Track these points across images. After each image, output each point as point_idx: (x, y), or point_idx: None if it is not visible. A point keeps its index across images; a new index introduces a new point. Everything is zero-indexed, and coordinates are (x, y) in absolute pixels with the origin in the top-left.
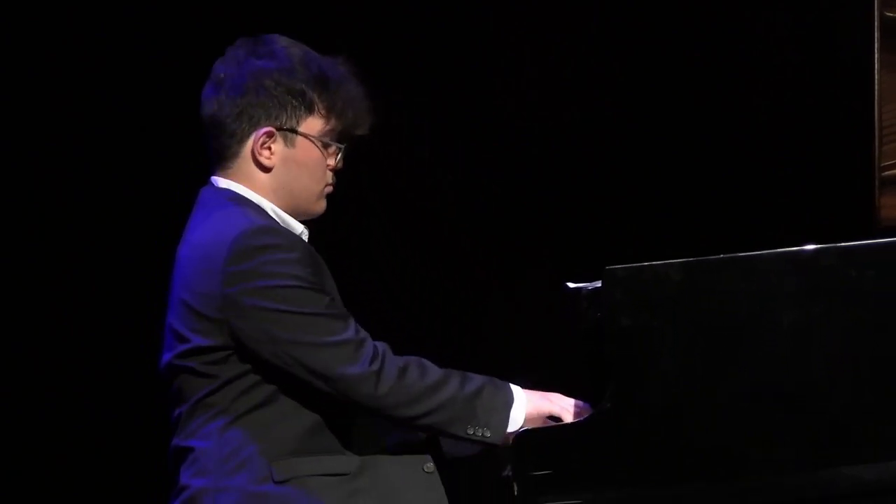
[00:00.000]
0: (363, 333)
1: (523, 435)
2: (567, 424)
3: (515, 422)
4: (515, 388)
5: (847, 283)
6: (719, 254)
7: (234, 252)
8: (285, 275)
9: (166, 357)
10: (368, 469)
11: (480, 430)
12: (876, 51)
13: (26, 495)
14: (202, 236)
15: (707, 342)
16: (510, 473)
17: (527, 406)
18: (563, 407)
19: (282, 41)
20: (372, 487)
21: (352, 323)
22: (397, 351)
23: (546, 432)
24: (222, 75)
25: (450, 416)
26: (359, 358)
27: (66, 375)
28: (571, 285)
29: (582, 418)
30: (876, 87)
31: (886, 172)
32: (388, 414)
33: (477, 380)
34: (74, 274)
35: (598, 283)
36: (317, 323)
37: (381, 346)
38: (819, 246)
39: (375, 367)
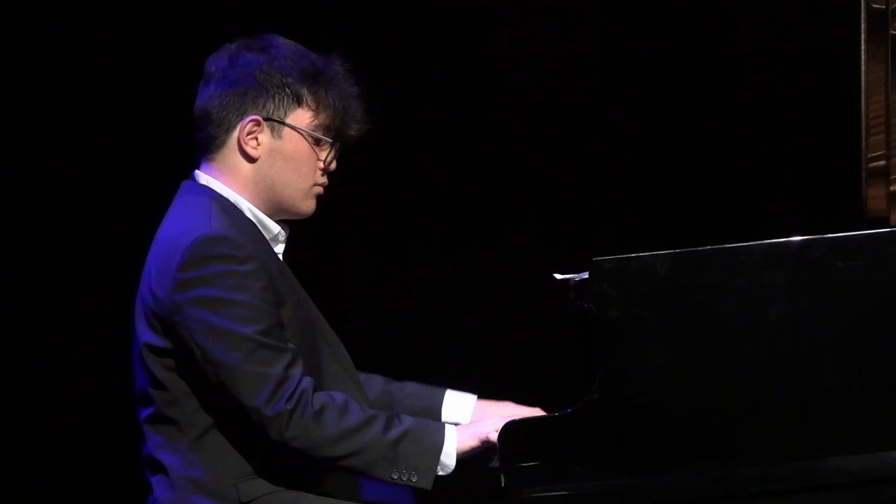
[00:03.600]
0: (293, 371)
1: (510, 426)
2: (554, 415)
3: (447, 466)
4: (449, 430)
5: (834, 274)
6: (706, 245)
7: (187, 259)
8: (231, 287)
9: (133, 356)
10: (337, 481)
11: (406, 475)
12: (862, 42)
13: (20, 494)
14: (166, 235)
15: (694, 333)
16: (497, 464)
17: (458, 447)
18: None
19: (278, 39)
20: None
21: (285, 357)
22: (377, 350)
23: (533, 423)
24: (213, 69)
25: (370, 460)
26: (274, 397)
27: (46, 373)
28: (559, 276)
29: (568, 409)
30: (863, 78)
31: (873, 164)
32: (302, 454)
33: (406, 423)
34: (58, 271)
35: (586, 274)
36: (245, 348)
37: (305, 382)
38: (806, 237)
39: (289, 407)
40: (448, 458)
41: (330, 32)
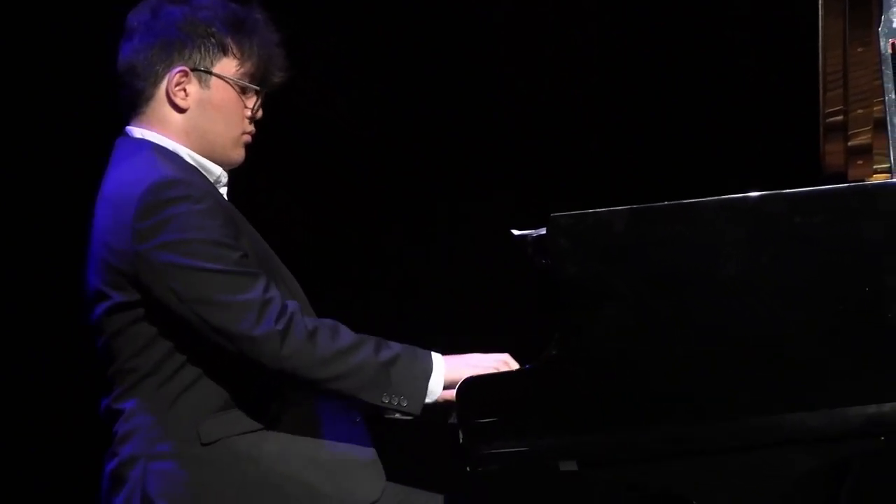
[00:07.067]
0: (272, 293)
1: (468, 382)
2: (512, 372)
3: (433, 392)
4: (436, 357)
5: (792, 229)
6: (664, 200)
7: (142, 207)
8: (192, 227)
9: (92, 317)
10: (297, 422)
11: (397, 399)
12: None
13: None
14: (113, 189)
15: (652, 288)
16: (455, 421)
17: (446, 375)
18: (486, 368)
19: None
20: (300, 443)
21: (260, 281)
22: (349, 311)
23: (491, 379)
24: (135, 24)
25: (362, 383)
26: (263, 318)
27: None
28: (517, 232)
29: (527, 366)
30: (820, 32)
31: (831, 119)
32: (293, 376)
33: (395, 347)
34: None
35: (543, 230)
36: (222, 280)
37: (291, 305)
38: (764, 192)
39: (280, 326)
40: (435, 386)
41: (329, 32)
